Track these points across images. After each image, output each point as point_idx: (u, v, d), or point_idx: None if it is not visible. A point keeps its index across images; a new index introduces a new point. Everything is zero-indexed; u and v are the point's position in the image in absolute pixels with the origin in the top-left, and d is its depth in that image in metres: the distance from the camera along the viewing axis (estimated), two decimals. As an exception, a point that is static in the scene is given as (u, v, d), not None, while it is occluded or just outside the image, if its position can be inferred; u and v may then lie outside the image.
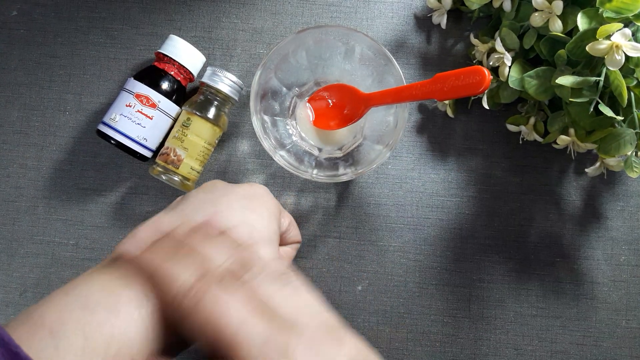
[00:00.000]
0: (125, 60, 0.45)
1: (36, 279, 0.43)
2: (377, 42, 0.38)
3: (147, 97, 0.40)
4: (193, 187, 0.43)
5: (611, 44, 0.33)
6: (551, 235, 0.44)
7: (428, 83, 0.33)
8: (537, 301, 0.44)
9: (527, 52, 0.40)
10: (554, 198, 0.44)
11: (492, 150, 0.45)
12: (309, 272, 0.44)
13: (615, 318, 0.43)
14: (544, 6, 0.36)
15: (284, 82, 0.41)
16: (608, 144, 0.37)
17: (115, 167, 0.44)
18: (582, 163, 0.45)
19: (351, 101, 0.40)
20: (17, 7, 0.45)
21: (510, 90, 0.40)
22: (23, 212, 0.44)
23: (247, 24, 0.46)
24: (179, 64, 0.41)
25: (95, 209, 0.44)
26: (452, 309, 0.43)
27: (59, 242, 0.44)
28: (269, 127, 0.40)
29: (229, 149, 0.45)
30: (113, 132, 0.40)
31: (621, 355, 0.43)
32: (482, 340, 0.43)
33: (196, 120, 0.41)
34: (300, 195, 0.44)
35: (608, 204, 0.44)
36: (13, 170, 0.44)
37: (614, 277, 0.44)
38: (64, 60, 0.45)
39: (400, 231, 0.44)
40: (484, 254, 0.44)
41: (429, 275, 0.44)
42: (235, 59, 0.45)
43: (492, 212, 0.44)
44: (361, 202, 0.44)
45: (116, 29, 0.45)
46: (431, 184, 0.44)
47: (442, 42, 0.45)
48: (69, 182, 0.44)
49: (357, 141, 0.42)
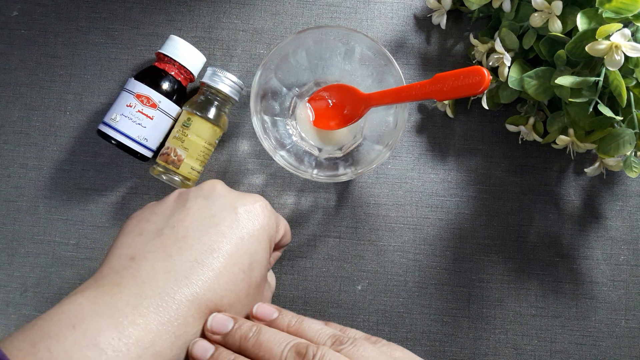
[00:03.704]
0: (126, 61, 0.45)
1: (37, 279, 0.43)
2: (377, 42, 0.38)
3: (147, 97, 0.41)
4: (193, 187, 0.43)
5: (610, 44, 0.33)
6: (550, 235, 0.44)
7: (428, 83, 0.33)
8: (536, 301, 0.44)
9: (527, 52, 0.40)
10: (554, 198, 0.45)
11: (492, 150, 0.45)
12: (309, 272, 0.44)
13: (615, 318, 0.43)
14: (544, 6, 0.36)
15: (284, 82, 0.42)
16: (607, 144, 0.37)
17: (116, 167, 0.44)
18: (581, 163, 0.45)
19: (351, 101, 0.40)
20: (18, 8, 0.45)
21: (510, 91, 0.40)
22: (24, 211, 0.44)
23: (247, 24, 0.46)
24: (180, 64, 0.42)
25: (95, 209, 0.44)
26: (452, 309, 0.44)
27: (60, 241, 0.44)
28: (269, 127, 0.41)
29: (229, 149, 0.45)
30: (114, 132, 0.40)
31: (620, 354, 0.43)
32: (481, 339, 0.43)
33: (196, 120, 0.41)
34: (300, 195, 0.44)
35: (607, 204, 0.44)
36: (14, 170, 0.44)
37: (613, 276, 0.44)
38: (65, 60, 0.45)
39: (399, 231, 0.44)
40: (483, 254, 0.44)
41: (428, 275, 0.44)
42: (236, 59, 0.45)
43: (491, 212, 0.44)
44: (361, 202, 0.44)
45: (117, 29, 0.45)
46: (431, 184, 0.45)
47: (442, 43, 0.45)
48: (70, 182, 0.44)
49: (357, 141, 0.43)
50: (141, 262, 0.28)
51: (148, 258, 0.28)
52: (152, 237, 0.29)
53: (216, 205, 0.31)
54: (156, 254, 0.28)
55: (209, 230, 0.29)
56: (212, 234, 0.29)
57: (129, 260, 0.28)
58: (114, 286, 0.26)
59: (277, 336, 0.27)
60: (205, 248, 0.29)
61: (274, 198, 0.44)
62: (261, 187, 0.44)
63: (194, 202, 0.31)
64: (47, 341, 0.23)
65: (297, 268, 0.44)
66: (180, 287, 0.27)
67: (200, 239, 0.29)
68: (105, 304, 0.25)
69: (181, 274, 0.27)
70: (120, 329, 0.24)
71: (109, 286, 0.26)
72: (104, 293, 0.26)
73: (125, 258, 0.28)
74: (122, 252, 0.29)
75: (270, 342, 0.27)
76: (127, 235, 0.30)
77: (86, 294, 0.26)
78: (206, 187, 0.33)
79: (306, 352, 0.26)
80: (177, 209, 0.31)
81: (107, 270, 0.28)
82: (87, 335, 0.23)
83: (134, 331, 0.24)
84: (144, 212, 0.32)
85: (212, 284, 0.28)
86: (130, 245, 0.29)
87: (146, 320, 0.25)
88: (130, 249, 0.29)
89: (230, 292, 0.29)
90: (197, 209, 0.31)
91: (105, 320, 0.24)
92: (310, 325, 0.29)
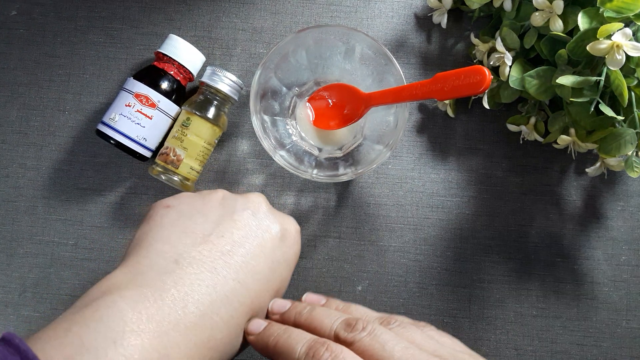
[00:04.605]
0: (125, 60, 0.45)
1: (35, 279, 0.43)
2: (377, 41, 0.37)
3: (146, 97, 0.40)
4: (193, 187, 0.43)
5: (612, 44, 0.33)
6: (551, 235, 0.44)
7: (428, 83, 0.33)
8: (537, 301, 0.43)
9: (528, 51, 0.40)
10: (555, 198, 0.44)
11: (493, 150, 0.45)
12: (309, 273, 0.44)
13: (616, 318, 0.43)
14: (545, 6, 0.36)
15: (283, 81, 0.41)
16: (609, 143, 0.37)
17: (115, 167, 0.44)
18: (582, 163, 0.45)
19: (351, 101, 0.40)
20: (17, 7, 0.45)
21: (511, 90, 0.40)
22: (22, 212, 0.44)
23: (247, 24, 0.45)
24: (179, 64, 0.41)
25: (94, 209, 0.44)
26: (452, 309, 0.43)
27: (59, 242, 0.44)
28: (269, 127, 0.40)
29: (228, 149, 0.45)
30: (112, 132, 0.40)
31: (621, 355, 0.43)
32: (482, 340, 0.43)
33: (196, 120, 0.41)
34: (300, 195, 0.44)
35: (608, 204, 0.44)
36: (12, 170, 0.44)
37: (615, 277, 0.44)
38: (64, 59, 0.45)
39: (400, 231, 0.44)
40: (484, 254, 0.44)
41: (429, 275, 0.44)
42: (235, 59, 0.45)
43: (492, 212, 0.44)
44: (361, 202, 0.44)
45: (116, 28, 0.45)
46: (431, 184, 0.44)
47: (443, 42, 0.45)
48: (69, 182, 0.44)
49: (357, 141, 0.42)
50: (186, 269, 0.27)
51: (193, 266, 0.27)
52: (198, 241, 0.29)
53: (262, 225, 0.31)
54: (202, 264, 0.28)
55: (254, 251, 0.30)
56: (256, 255, 0.30)
57: (173, 264, 0.27)
58: (157, 291, 0.25)
59: (329, 312, 0.29)
60: (249, 269, 0.29)
61: (274, 198, 0.44)
62: (261, 187, 0.44)
63: (242, 214, 0.31)
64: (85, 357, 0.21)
65: (297, 268, 0.44)
66: (220, 307, 0.27)
67: (244, 257, 0.29)
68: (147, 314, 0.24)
69: (223, 293, 0.27)
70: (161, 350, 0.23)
71: (151, 291, 0.25)
72: (146, 299, 0.25)
73: (169, 260, 0.27)
74: (164, 249, 0.28)
75: (322, 316, 0.28)
76: (168, 229, 0.29)
77: (127, 296, 0.24)
78: (252, 201, 0.33)
79: (356, 323, 0.26)
80: (225, 218, 0.31)
81: (148, 269, 0.27)
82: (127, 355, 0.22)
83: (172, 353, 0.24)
84: (182, 204, 0.31)
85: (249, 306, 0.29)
86: (174, 245, 0.28)
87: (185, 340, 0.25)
88: (175, 249, 0.28)
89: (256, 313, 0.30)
90: (245, 224, 0.31)
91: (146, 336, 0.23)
92: (358, 308, 0.31)
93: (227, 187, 0.44)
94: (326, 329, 0.27)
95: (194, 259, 0.28)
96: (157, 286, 0.26)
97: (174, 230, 0.29)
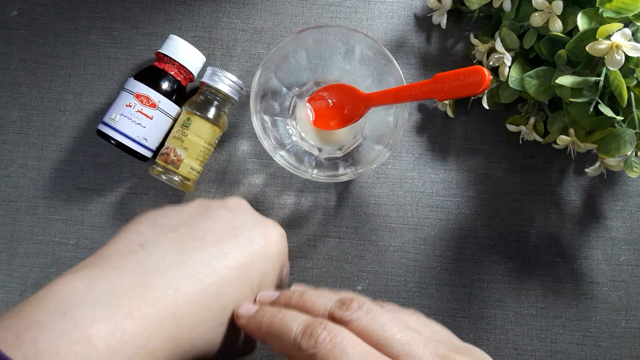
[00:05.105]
0: (125, 60, 0.45)
1: (36, 279, 0.43)
2: (377, 42, 0.38)
3: (147, 97, 0.40)
4: (193, 187, 0.43)
5: (611, 44, 0.33)
6: (551, 235, 0.44)
7: (428, 83, 0.33)
8: (537, 301, 0.44)
9: (527, 52, 0.40)
10: (554, 198, 0.44)
11: (492, 150, 0.45)
12: (309, 273, 0.44)
13: (615, 318, 0.43)
14: (544, 6, 0.36)
15: (284, 82, 0.41)
16: (608, 144, 0.37)
17: (115, 167, 0.44)
18: (582, 163, 0.45)
19: (351, 101, 0.40)
20: (17, 7, 0.45)
21: (510, 90, 0.40)
22: (23, 212, 0.44)
23: (247, 24, 0.46)
24: (179, 64, 0.41)
25: (95, 209, 0.44)
26: (452, 309, 0.43)
27: (59, 242, 0.44)
28: (269, 127, 0.40)
29: (229, 149, 0.45)
30: (113, 132, 0.40)
31: (621, 355, 0.43)
32: (482, 340, 0.43)
33: (196, 120, 0.41)
34: (300, 195, 0.44)
35: (608, 204, 0.44)
36: (13, 170, 0.44)
37: (614, 277, 0.44)
38: (64, 60, 0.45)
39: (400, 231, 0.44)
40: (483, 254, 0.44)
41: (428, 275, 0.44)
42: (235, 59, 0.45)
43: (492, 212, 0.44)
44: (361, 202, 0.44)
45: (116, 28, 0.45)
46: (431, 184, 0.44)
47: (442, 42, 0.45)
48: (69, 182, 0.44)
49: (357, 141, 0.43)
50: (150, 250, 0.26)
51: (159, 248, 0.26)
52: (167, 230, 0.28)
53: (238, 218, 0.31)
54: (168, 247, 0.27)
55: (227, 239, 0.29)
56: (229, 242, 0.28)
57: (138, 246, 0.26)
58: (116, 269, 0.24)
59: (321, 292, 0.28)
60: (220, 254, 0.27)
61: (274, 198, 0.44)
62: (261, 187, 0.44)
63: (217, 211, 0.31)
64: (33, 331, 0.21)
65: (297, 268, 0.44)
66: (186, 286, 0.25)
67: (216, 244, 0.28)
68: (102, 289, 0.23)
69: (189, 272, 0.26)
70: (116, 321, 0.22)
71: (110, 269, 0.24)
72: (103, 276, 0.24)
73: (134, 243, 0.27)
74: (131, 236, 0.27)
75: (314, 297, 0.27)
76: (140, 224, 0.29)
77: (83, 274, 0.24)
78: (230, 201, 0.32)
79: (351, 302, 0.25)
80: (198, 214, 0.30)
81: (111, 251, 0.26)
82: (79, 326, 0.21)
83: (129, 325, 0.22)
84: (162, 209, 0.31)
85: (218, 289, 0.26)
86: (141, 233, 0.27)
87: (143, 314, 0.23)
88: (142, 235, 0.27)
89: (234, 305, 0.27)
90: (219, 217, 0.30)
91: (99, 309, 0.22)
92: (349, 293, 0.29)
93: (227, 187, 0.44)
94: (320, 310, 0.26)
95: (161, 242, 0.27)
96: (118, 264, 0.25)
97: (145, 223, 0.29)
